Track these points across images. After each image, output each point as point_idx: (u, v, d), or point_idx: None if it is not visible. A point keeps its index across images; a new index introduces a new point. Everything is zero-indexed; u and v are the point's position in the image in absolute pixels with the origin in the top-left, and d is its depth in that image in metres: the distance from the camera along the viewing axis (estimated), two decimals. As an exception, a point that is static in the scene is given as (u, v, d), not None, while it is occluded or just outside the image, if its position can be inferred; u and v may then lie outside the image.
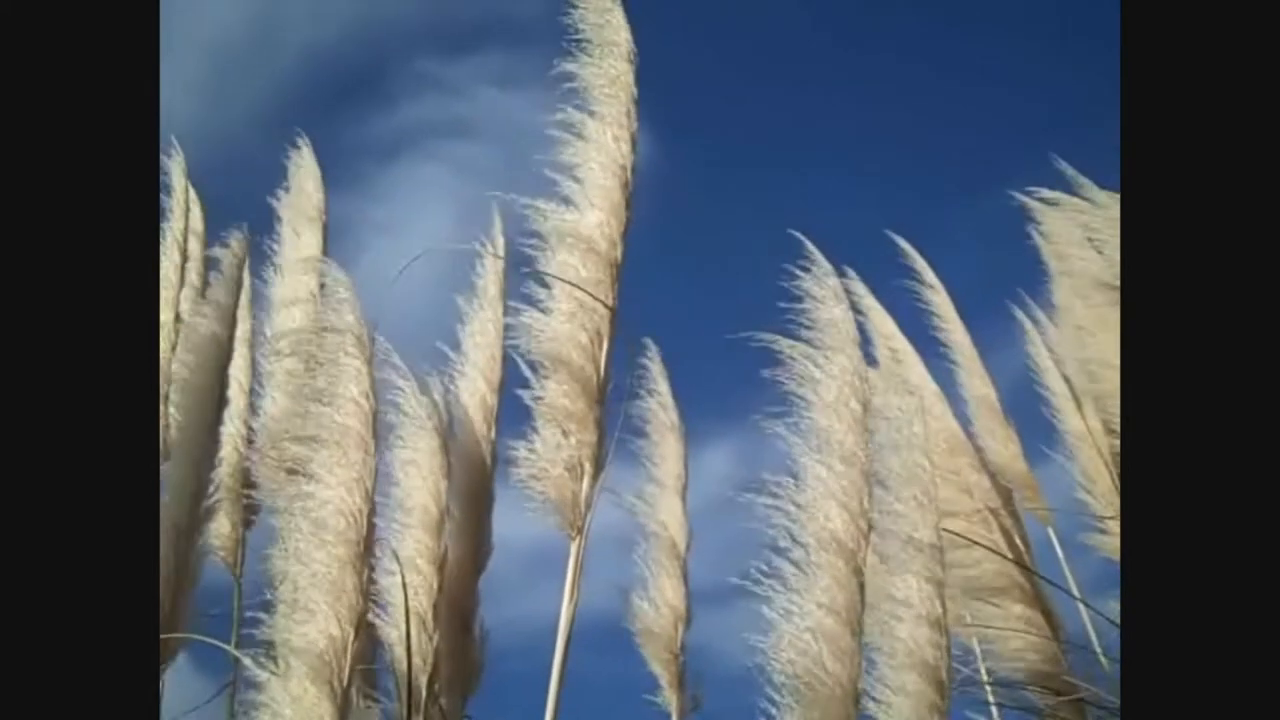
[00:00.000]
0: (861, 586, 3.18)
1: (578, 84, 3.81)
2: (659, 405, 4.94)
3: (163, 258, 4.51)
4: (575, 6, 3.95)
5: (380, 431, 3.34)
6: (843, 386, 3.39)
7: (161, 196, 4.61)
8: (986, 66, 9.77)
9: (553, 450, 3.44)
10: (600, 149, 3.69)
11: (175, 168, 4.66)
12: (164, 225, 4.54)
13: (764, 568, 3.16)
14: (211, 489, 3.64)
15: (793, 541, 3.18)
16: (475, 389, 4.07)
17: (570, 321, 3.51)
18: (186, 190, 4.61)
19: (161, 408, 4.04)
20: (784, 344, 3.46)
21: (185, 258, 4.46)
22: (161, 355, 4.26)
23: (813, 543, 3.18)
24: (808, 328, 3.50)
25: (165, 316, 4.36)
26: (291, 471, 3.31)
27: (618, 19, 3.93)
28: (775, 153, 9.55)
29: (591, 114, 3.77)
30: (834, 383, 3.40)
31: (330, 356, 3.40)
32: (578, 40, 3.89)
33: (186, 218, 4.55)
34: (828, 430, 3.33)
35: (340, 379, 3.32)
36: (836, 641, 3.09)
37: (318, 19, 10.56)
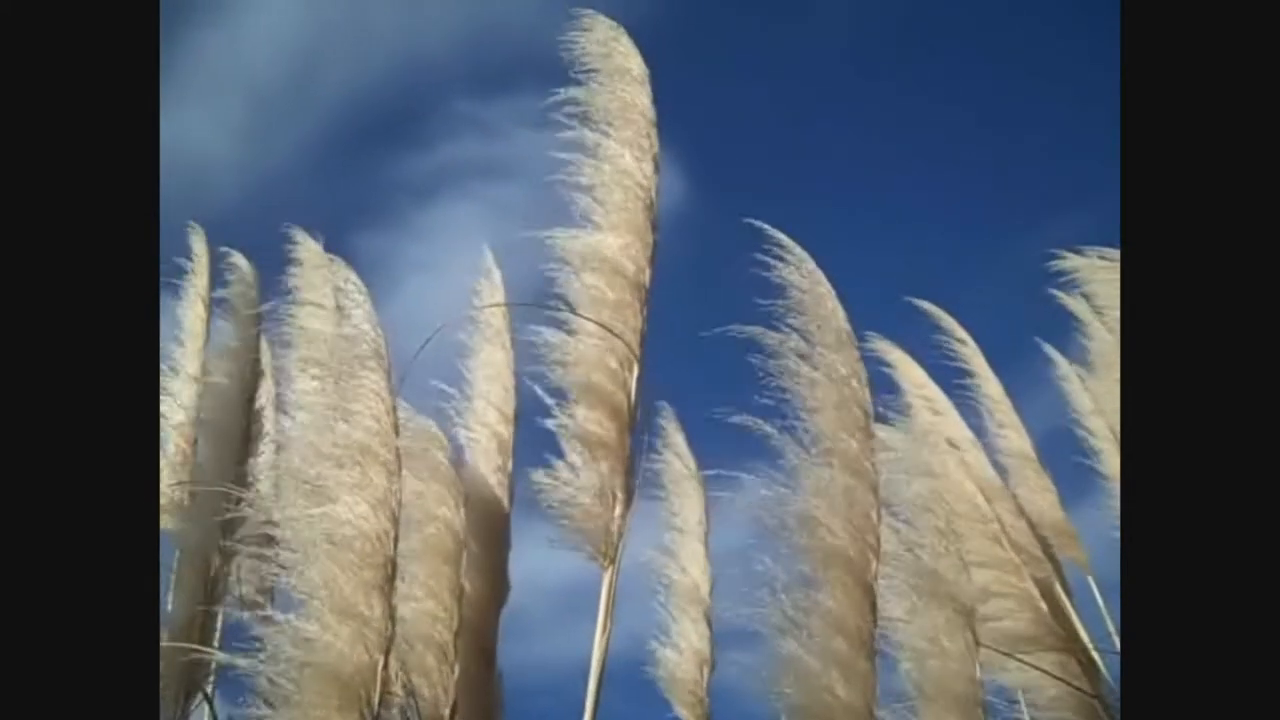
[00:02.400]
0: (873, 606, 3.04)
1: (589, 108, 3.75)
2: (675, 456, 4.95)
3: (186, 310, 4.43)
4: (581, 35, 3.91)
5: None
6: (842, 388, 3.22)
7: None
8: (1021, 112, 9.90)
9: (582, 478, 3.32)
10: (619, 171, 3.63)
11: (196, 236, 4.62)
12: (184, 282, 4.48)
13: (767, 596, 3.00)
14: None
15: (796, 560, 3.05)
16: (486, 422, 3.97)
17: (598, 345, 3.40)
18: (207, 255, 4.55)
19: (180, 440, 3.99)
20: (772, 336, 3.25)
21: (209, 311, 4.39)
22: (189, 404, 4.18)
23: (817, 561, 3.04)
24: (793, 321, 3.30)
25: (193, 368, 4.26)
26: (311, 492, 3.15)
27: (625, 45, 3.90)
28: (803, 192, 9.63)
29: (607, 135, 3.70)
30: (832, 385, 3.22)
31: (346, 369, 3.19)
32: (586, 70, 3.84)
33: (209, 275, 4.49)
34: (831, 436, 3.16)
35: (360, 395, 3.12)
36: (848, 666, 2.96)
37: (357, 62, 10.67)
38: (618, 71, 3.83)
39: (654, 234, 3.55)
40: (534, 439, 3.46)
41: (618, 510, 3.30)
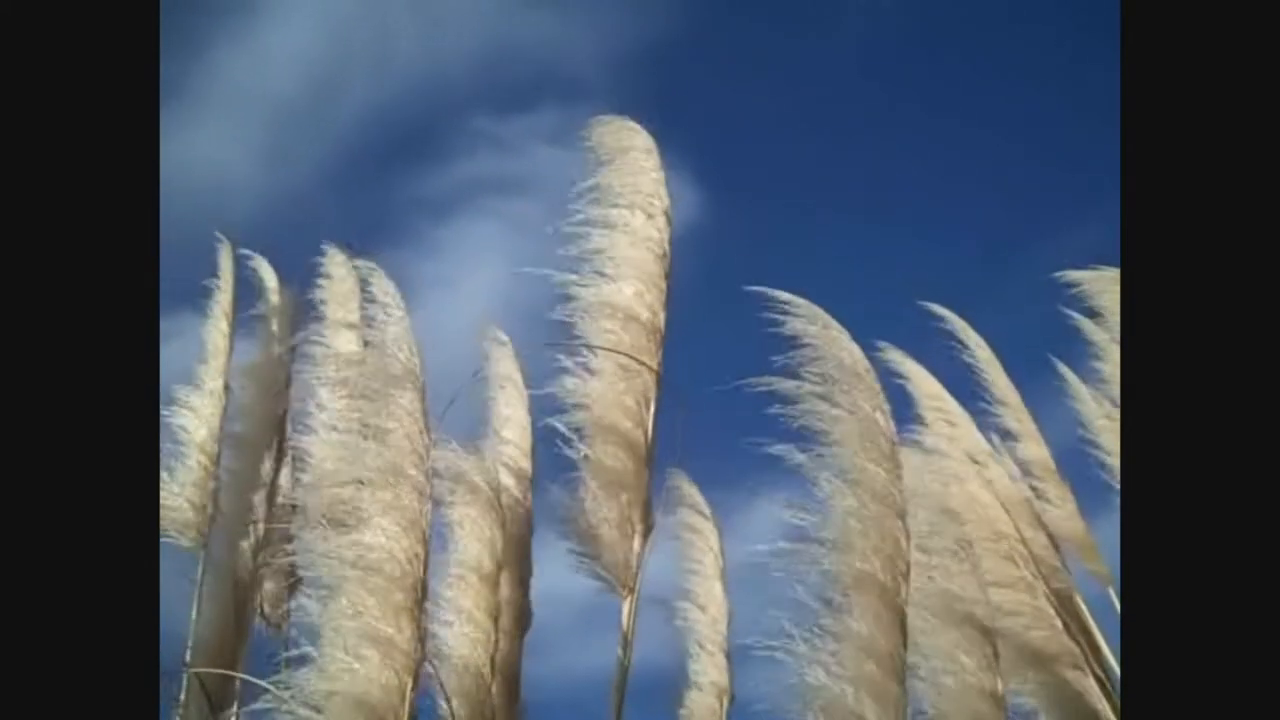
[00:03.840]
0: (903, 627, 3.07)
1: (602, 192, 3.95)
2: (688, 507, 5.05)
3: (210, 327, 4.59)
4: (594, 129, 4.13)
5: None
6: (864, 421, 3.27)
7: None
8: (1035, 124, 9.99)
9: (602, 510, 3.47)
10: (630, 230, 3.83)
11: (224, 252, 4.84)
12: (212, 301, 4.67)
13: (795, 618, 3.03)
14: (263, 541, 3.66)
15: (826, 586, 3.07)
16: (507, 456, 4.18)
17: (615, 385, 3.58)
18: (233, 272, 4.77)
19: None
20: (790, 385, 3.29)
21: (233, 327, 4.58)
22: (214, 417, 4.34)
23: (849, 585, 3.07)
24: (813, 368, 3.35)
25: (215, 384, 4.43)
26: (337, 520, 3.22)
27: (632, 127, 4.10)
28: (816, 206, 9.74)
29: (616, 206, 3.90)
30: (853, 418, 3.27)
31: (379, 389, 3.29)
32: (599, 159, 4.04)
33: (234, 291, 4.70)
34: (856, 467, 3.20)
35: (392, 415, 3.24)
36: (878, 688, 2.98)
37: (376, 79, 10.92)
38: (626, 150, 4.04)
39: (667, 281, 3.76)
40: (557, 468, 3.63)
41: (636, 542, 3.46)
